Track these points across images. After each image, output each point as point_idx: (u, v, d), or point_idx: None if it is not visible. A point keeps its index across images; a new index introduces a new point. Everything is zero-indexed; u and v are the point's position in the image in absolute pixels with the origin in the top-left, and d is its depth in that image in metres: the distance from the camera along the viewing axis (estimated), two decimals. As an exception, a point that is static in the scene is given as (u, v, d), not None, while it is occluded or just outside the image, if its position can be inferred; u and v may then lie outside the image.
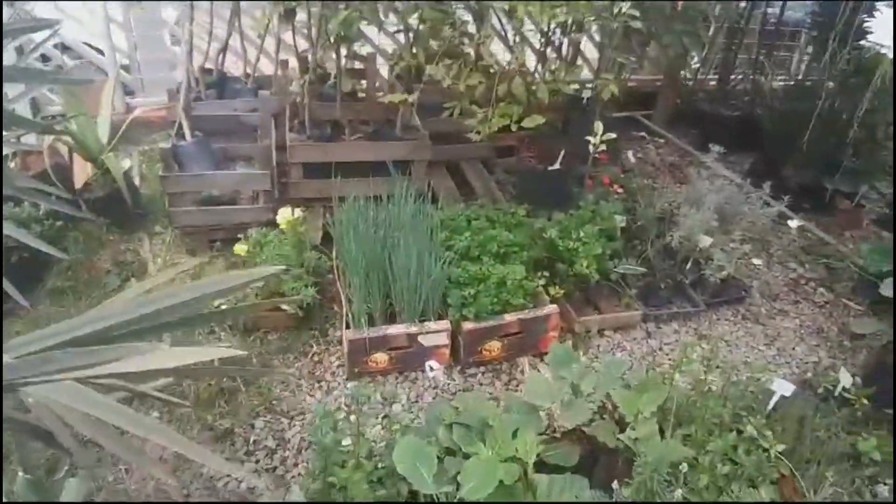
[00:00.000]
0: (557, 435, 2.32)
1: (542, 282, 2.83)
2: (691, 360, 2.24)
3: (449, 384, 2.71)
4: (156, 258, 3.21)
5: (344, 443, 1.93)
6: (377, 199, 2.89)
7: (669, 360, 2.91)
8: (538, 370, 2.71)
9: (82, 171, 3.38)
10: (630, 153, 4.71)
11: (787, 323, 3.25)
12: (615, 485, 1.93)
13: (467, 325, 2.63)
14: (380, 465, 1.86)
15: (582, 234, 2.93)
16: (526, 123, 2.91)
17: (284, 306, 2.76)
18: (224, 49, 3.83)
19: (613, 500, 1.79)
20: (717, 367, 2.35)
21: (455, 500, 1.67)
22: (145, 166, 3.74)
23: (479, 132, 2.87)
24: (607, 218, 3.07)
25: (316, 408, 2.00)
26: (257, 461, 2.36)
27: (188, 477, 2.28)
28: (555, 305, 2.74)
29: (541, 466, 1.96)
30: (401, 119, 3.27)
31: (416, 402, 2.62)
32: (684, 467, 1.87)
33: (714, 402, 2.13)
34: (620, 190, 3.60)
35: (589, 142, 3.11)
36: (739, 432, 2.11)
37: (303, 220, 2.98)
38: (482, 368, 2.77)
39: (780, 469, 2.04)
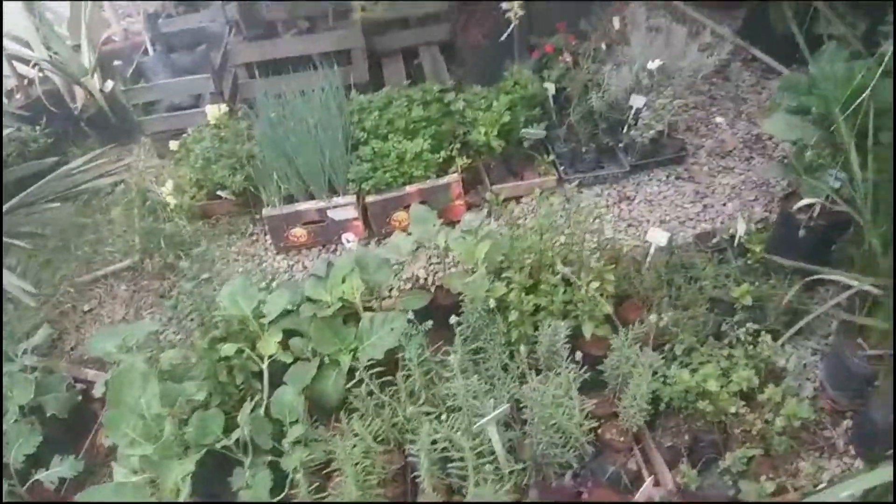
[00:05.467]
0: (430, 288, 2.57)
1: (447, 153, 2.94)
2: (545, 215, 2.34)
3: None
4: (136, 163, 3.69)
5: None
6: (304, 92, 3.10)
7: (582, 220, 2.98)
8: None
9: (80, 95, 3.87)
10: (616, 19, 4.52)
11: (728, 180, 3.17)
12: (452, 318, 2.13)
13: (370, 198, 2.86)
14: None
15: (494, 103, 3.00)
16: (413, -2, 2.97)
17: (220, 193, 3.12)
18: (192, -38, 4.08)
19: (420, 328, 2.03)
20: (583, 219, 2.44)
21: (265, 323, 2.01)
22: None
23: (363, 8, 2.96)
24: (525, 85, 3.10)
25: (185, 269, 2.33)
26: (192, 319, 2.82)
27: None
28: (455, 175, 2.88)
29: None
30: (332, 11, 3.40)
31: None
32: (492, 302, 2.05)
33: (541, 250, 2.24)
34: (569, 58, 3.54)
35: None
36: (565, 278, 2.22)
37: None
38: (397, 238, 3.00)
39: (601, 308, 2.15)
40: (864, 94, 2.16)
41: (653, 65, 2.98)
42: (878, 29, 2.99)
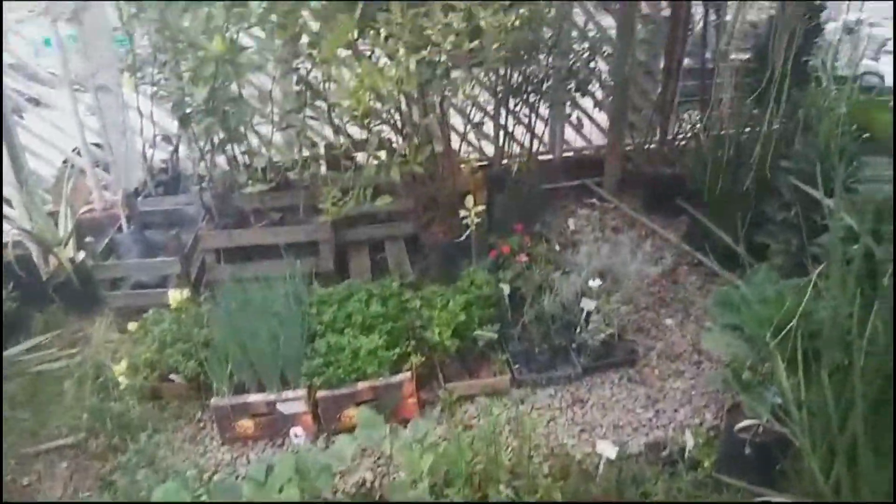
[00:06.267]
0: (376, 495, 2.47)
1: (401, 350, 2.97)
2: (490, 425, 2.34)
3: (311, 449, 2.89)
4: (96, 337, 3.67)
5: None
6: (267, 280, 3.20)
7: (535, 422, 2.96)
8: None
9: (52, 261, 3.95)
10: (571, 220, 4.86)
11: (679, 384, 3.23)
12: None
13: (321, 393, 2.83)
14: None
15: (451, 303, 3.11)
16: (377, 203, 3.18)
17: (173, 376, 3.08)
18: (176, 150, 4.37)
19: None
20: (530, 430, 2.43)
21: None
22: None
23: (327, 212, 3.15)
24: (480, 286, 3.23)
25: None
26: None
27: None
28: (407, 373, 2.89)
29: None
30: (303, 205, 3.61)
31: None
32: (431, 524, 1.97)
33: (487, 461, 2.21)
34: (525, 258, 3.72)
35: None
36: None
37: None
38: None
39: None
40: (793, 320, 2.29)
41: (594, 283, 3.16)
42: (807, 249, 3.21)
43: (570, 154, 5.45)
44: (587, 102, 5.13)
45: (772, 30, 3.66)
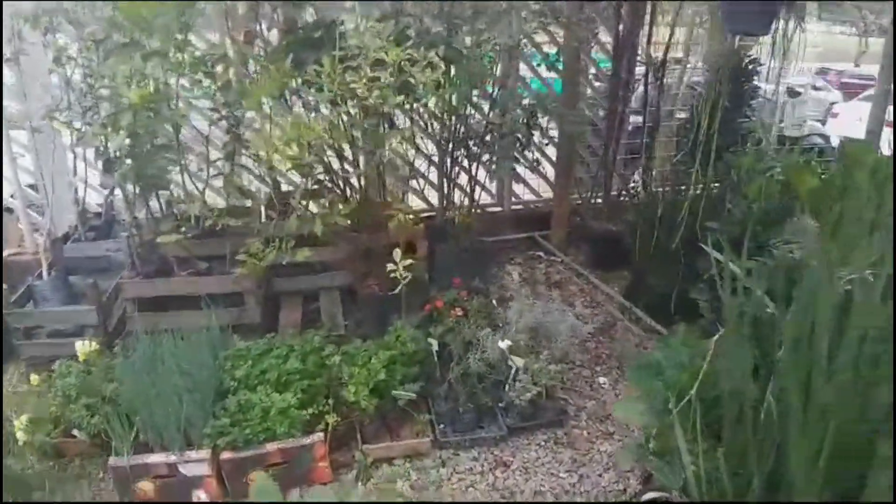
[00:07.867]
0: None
1: (316, 410, 2.85)
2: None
3: (215, 515, 2.73)
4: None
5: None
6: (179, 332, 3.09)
7: (454, 489, 2.85)
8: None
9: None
10: (516, 273, 4.82)
11: (606, 447, 3.14)
12: None
13: (224, 455, 2.69)
14: None
15: (373, 359, 3.01)
16: (297, 257, 3.11)
17: (75, 433, 2.91)
18: (111, 193, 4.26)
19: None
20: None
21: None
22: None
23: (244, 265, 3.07)
24: (405, 342, 3.14)
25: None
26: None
27: None
28: (319, 434, 2.77)
29: None
30: (230, 254, 3.51)
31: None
32: None
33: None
34: (460, 312, 3.64)
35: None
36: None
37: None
38: (255, 499, 2.78)
39: None
40: (694, 384, 2.21)
41: (503, 344, 3.09)
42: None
43: (520, 207, 5.45)
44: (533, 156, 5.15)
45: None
